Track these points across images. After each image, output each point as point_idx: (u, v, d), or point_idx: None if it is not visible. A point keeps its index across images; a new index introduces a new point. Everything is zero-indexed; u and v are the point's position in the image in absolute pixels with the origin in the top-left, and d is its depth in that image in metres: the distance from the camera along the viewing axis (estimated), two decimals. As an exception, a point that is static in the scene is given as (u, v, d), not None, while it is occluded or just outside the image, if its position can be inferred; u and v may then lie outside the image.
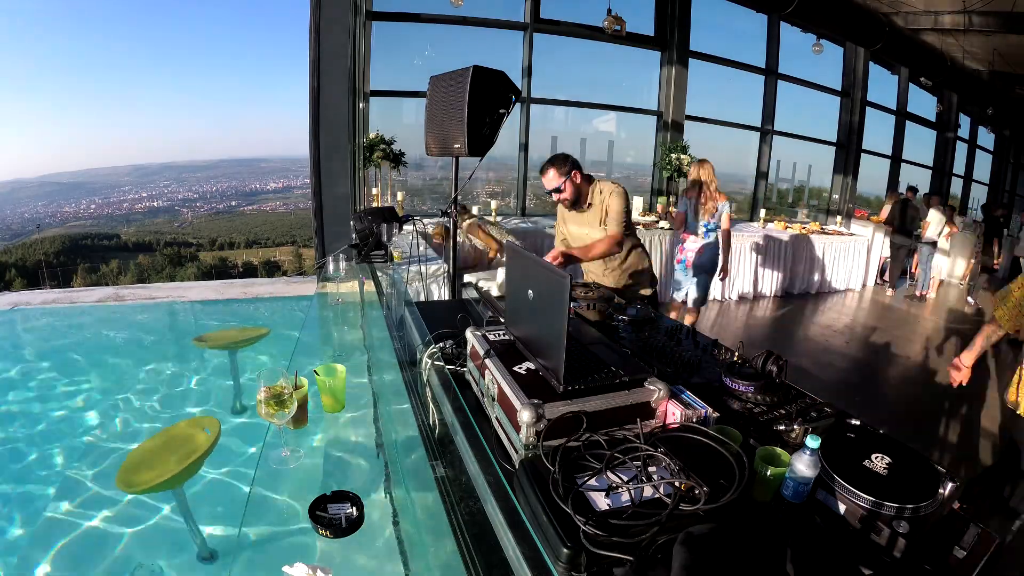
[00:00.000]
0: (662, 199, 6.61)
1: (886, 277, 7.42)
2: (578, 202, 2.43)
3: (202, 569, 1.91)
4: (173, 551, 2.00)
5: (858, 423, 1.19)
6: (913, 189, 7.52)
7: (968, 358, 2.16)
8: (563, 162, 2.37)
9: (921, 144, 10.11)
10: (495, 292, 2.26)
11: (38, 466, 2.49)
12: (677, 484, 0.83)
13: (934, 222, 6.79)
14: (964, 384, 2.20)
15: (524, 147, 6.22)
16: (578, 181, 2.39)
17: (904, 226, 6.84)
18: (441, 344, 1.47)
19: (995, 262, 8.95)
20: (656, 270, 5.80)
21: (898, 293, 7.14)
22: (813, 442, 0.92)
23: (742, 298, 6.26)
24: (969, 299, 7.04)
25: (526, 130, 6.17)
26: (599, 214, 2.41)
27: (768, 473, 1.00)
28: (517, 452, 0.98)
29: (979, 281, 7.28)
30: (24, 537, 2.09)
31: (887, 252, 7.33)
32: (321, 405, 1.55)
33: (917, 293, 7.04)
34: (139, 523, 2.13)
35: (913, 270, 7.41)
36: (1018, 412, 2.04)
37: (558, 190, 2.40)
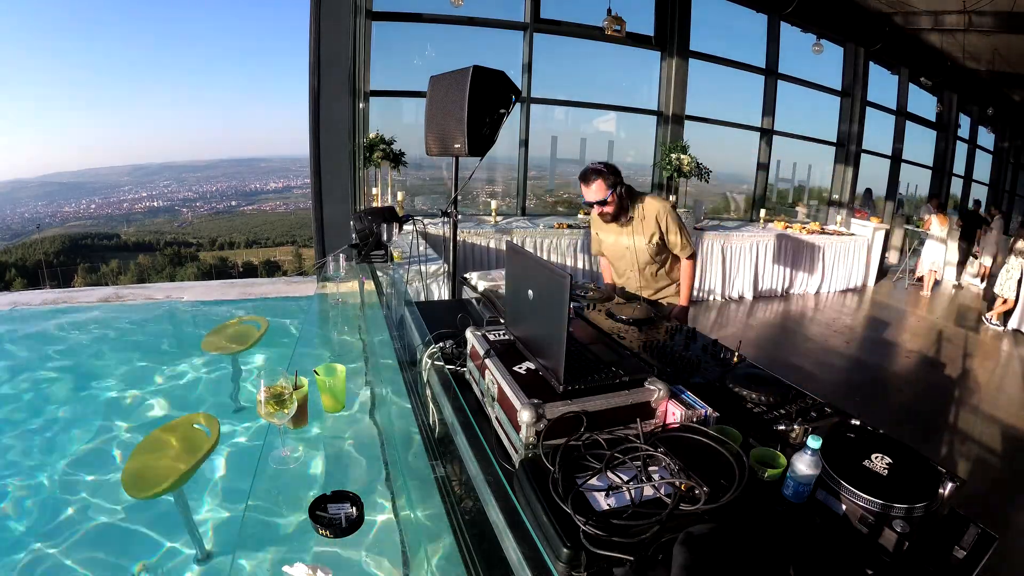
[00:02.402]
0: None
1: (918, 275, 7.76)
2: (618, 216, 2.35)
3: (202, 569, 1.91)
4: (173, 551, 2.00)
5: (858, 423, 1.19)
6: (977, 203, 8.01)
7: None
8: (610, 175, 2.25)
9: (921, 144, 10.12)
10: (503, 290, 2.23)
11: (38, 466, 2.49)
12: (677, 484, 0.83)
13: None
14: None
15: (524, 146, 6.22)
16: (623, 196, 2.31)
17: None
18: (441, 344, 1.47)
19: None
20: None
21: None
22: (814, 442, 0.92)
23: (742, 298, 6.25)
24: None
25: (526, 130, 6.16)
26: (649, 230, 2.36)
27: (764, 475, 1.00)
28: (517, 452, 0.98)
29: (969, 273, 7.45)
30: (22, 536, 2.09)
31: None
32: (321, 405, 1.56)
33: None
34: (139, 523, 2.12)
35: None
36: None
37: (603, 203, 2.29)
